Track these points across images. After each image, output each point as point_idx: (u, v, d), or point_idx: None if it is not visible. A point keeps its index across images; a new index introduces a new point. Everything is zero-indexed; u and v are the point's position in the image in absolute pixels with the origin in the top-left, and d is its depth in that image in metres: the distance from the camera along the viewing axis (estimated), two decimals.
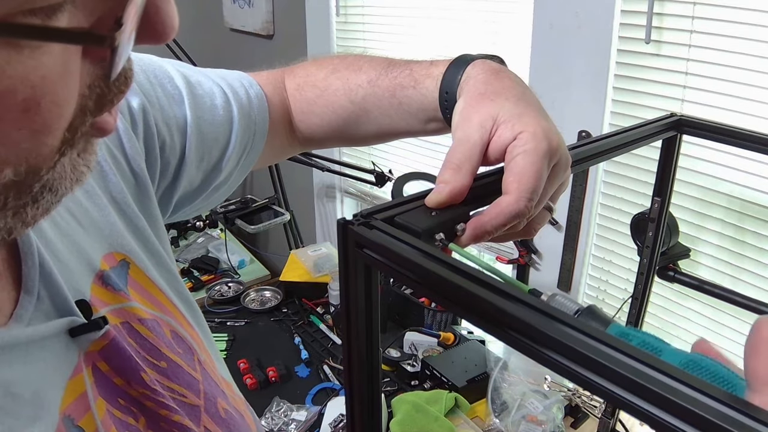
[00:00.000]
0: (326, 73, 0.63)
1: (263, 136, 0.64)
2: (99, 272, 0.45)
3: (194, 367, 0.51)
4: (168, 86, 0.56)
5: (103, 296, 0.44)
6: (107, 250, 0.47)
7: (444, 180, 0.42)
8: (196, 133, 0.57)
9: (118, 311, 0.45)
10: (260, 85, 0.65)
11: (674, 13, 1.06)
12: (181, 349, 0.50)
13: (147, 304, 0.49)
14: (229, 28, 2.44)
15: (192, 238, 2.28)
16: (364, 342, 0.38)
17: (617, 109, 1.19)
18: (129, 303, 0.46)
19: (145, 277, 0.50)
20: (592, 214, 1.31)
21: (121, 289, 0.46)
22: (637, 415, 0.23)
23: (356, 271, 0.36)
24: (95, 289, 0.44)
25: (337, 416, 1.33)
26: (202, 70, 0.62)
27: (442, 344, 1.53)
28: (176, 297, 0.54)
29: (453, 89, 0.52)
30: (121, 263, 0.48)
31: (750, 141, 0.59)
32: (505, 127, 0.43)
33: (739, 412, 0.21)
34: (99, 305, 0.43)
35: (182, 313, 0.54)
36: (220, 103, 0.60)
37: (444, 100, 0.53)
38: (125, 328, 0.45)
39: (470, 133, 0.44)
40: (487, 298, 0.28)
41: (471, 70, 0.51)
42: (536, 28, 1.29)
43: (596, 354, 0.25)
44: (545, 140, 0.42)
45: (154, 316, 0.49)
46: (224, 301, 1.85)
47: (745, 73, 0.99)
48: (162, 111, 0.55)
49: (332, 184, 2.16)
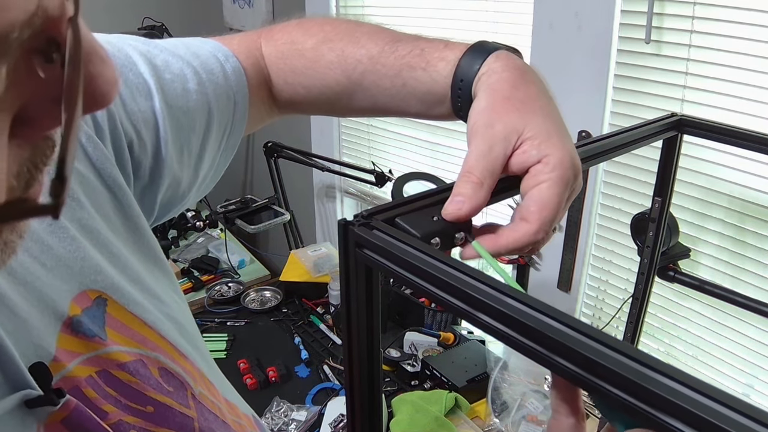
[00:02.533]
0: (316, 42, 0.58)
1: (244, 115, 0.60)
2: (67, 320, 0.40)
3: (187, 404, 0.47)
4: (131, 76, 0.50)
5: (73, 346, 0.40)
6: (78, 290, 0.42)
7: (465, 194, 0.40)
8: (170, 125, 0.52)
9: (93, 360, 0.41)
10: (235, 55, 0.59)
11: (674, 14, 1.06)
12: (171, 387, 0.46)
13: (129, 342, 0.45)
14: (228, 28, 2.44)
15: (192, 238, 2.28)
16: (364, 342, 0.38)
17: (617, 109, 1.19)
18: (105, 349, 0.42)
19: (127, 313, 0.45)
20: (592, 214, 1.31)
21: (95, 334, 0.42)
22: (636, 416, 0.23)
23: (357, 271, 0.36)
24: (63, 339, 0.40)
25: (337, 416, 1.33)
26: (168, 47, 0.55)
27: (442, 344, 1.53)
28: (167, 324, 0.49)
29: (470, 78, 0.48)
30: (97, 301, 0.43)
31: (750, 141, 0.59)
32: (531, 144, 0.41)
33: (739, 413, 0.21)
34: (67, 358, 0.40)
35: (173, 345, 0.49)
36: (193, 86, 0.54)
37: (458, 88, 0.49)
38: (102, 376, 0.41)
39: (493, 145, 0.42)
40: (487, 299, 0.28)
41: (494, 64, 0.47)
42: (536, 28, 1.29)
43: (595, 355, 0.25)
44: (571, 169, 0.41)
45: (138, 355, 0.45)
46: (224, 301, 1.85)
47: (745, 73, 0.99)
48: (125, 106, 0.49)
49: (332, 184, 2.16)
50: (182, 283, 2.03)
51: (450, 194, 0.41)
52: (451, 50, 0.51)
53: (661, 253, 0.78)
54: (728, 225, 1.08)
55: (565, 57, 1.24)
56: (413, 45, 0.53)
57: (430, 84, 0.52)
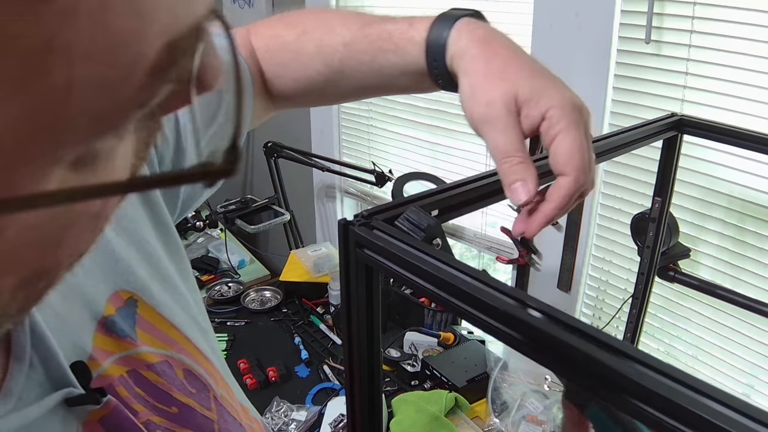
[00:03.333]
0: (296, 34, 0.59)
1: (250, 107, 0.61)
2: (102, 319, 0.42)
3: (209, 406, 0.48)
4: None
5: (108, 345, 0.42)
6: (113, 290, 0.43)
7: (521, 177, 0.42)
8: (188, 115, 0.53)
9: (125, 359, 0.42)
10: None
11: (674, 14, 1.06)
12: (194, 388, 0.47)
13: (157, 343, 0.46)
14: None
15: (192, 238, 2.28)
16: (364, 342, 0.38)
17: (617, 109, 1.19)
18: (136, 349, 0.43)
19: (156, 315, 0.46)
20: (592, 214, 1.31)
21: (127, 335, 0.43)
22: (636, 415, 0.23)
23: (357, 271, 0.36)
24: (98, 338, 0.41)
25: (338, 416, 1.33)
26: None
27: (442, 344, 1.53)
28: (193, 326, 0.50)
29: (441, 57, 0.49)
30: (128, 302, 0.44)
31: (750, 141, 0.59)
32: (529, 106, 0.43)
33: (739, 413, 0.21)
34: (102, 357, 0.41)
35: (197, 347, 0.50)
36: None
37: (434, 68, 0.50)
38: (132, 376, 0.42)
39: (504, 123, 0.43)
40: (487, 300, 0.28)
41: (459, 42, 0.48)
42: (536, 28, 1.29)
43: (595, 355, 0.25)
44: (574, 110, 0.42)
45: (165, 356, 0.46)
46: (224, 301, 1.85)
47: (745, 73, 0.99)
48: None
49: (332, 184, 2.16)
50: None
51: (453, 193, 0.41)
52: (416, 29, 0.51)
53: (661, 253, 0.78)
54: (728, 225, 1.08)
55: (565, 57, 1.24)
56: (380, 27, 0.54)
57: (404, 66, 0.53)
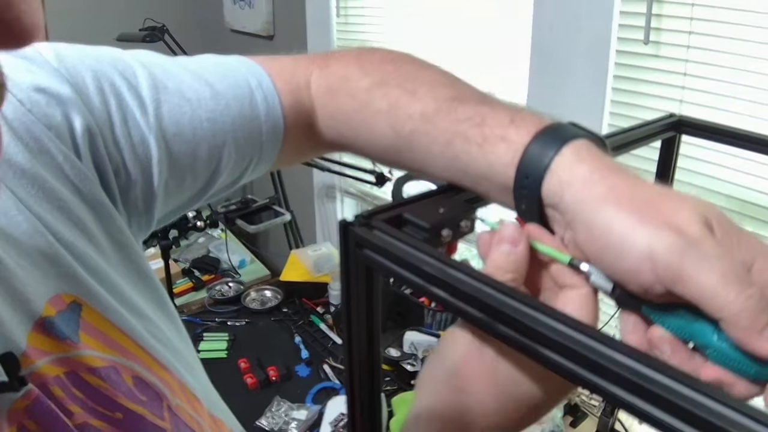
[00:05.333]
0: (370, 83, 0.50)
1: (275, 146, 0.56)
2: (39, 319, 0.41)
3: (161, 416, 0.46)
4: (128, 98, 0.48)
5: (44, 345, 0.40)
6: (54, 292, 0.42)
7: None
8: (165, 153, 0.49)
9: (63, 360, 0.41)
10: (273, 81, 0.54)
11: (673, 15, 1.06)
12: (145, 396, 0.45)
13: (104, 349, 0.44)
14: (229, 29, 2.44)
15: (193, 238, 2.29)
16: (364, 342, 0.38)
17: (616, 109, 1.20)
18: (76, 352, 0.42)
19: (103, 320, 0.45)
20: None
21: (67, 337, 0.42)
22: (636, 414, 0.24)
23: (357, 272, 0.36)
24: (33, 337, 0.40)
25: (338, 415, 1.33)
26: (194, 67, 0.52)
27: None
28: (148, 337, 0.48)
29: (537, 177, 0.37)
30: (71, 306, 0.43)
31: (749, 141, 0.59)
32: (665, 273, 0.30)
33: (738, 412, 0.21)
34: (37, 355, 0.40)
35: (152, 355, 0.48)
36: (205, 114, 0.51)
37: (522, 187, 0.38)
38: (70, 378, 0.41)
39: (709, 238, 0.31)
40: (487, 300, 0.28)
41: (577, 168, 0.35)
42: (536, 29, 1.29)
43: (595, 355, 0.25)
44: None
45: (111, 362, 0.44)
46: (225, 301, 1.86)
47: (743, 74, 0.99)
48: (113, 129, 0.47)
49: (332, 184, 2.16)
50: (183, 283, 2.04)
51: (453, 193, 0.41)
52: (517, 128, 0.40)
53: None
54: None
55: (565, 57, 1.24)
56: (474, 109, 0.43)
57: (484, 168, 0.41)
